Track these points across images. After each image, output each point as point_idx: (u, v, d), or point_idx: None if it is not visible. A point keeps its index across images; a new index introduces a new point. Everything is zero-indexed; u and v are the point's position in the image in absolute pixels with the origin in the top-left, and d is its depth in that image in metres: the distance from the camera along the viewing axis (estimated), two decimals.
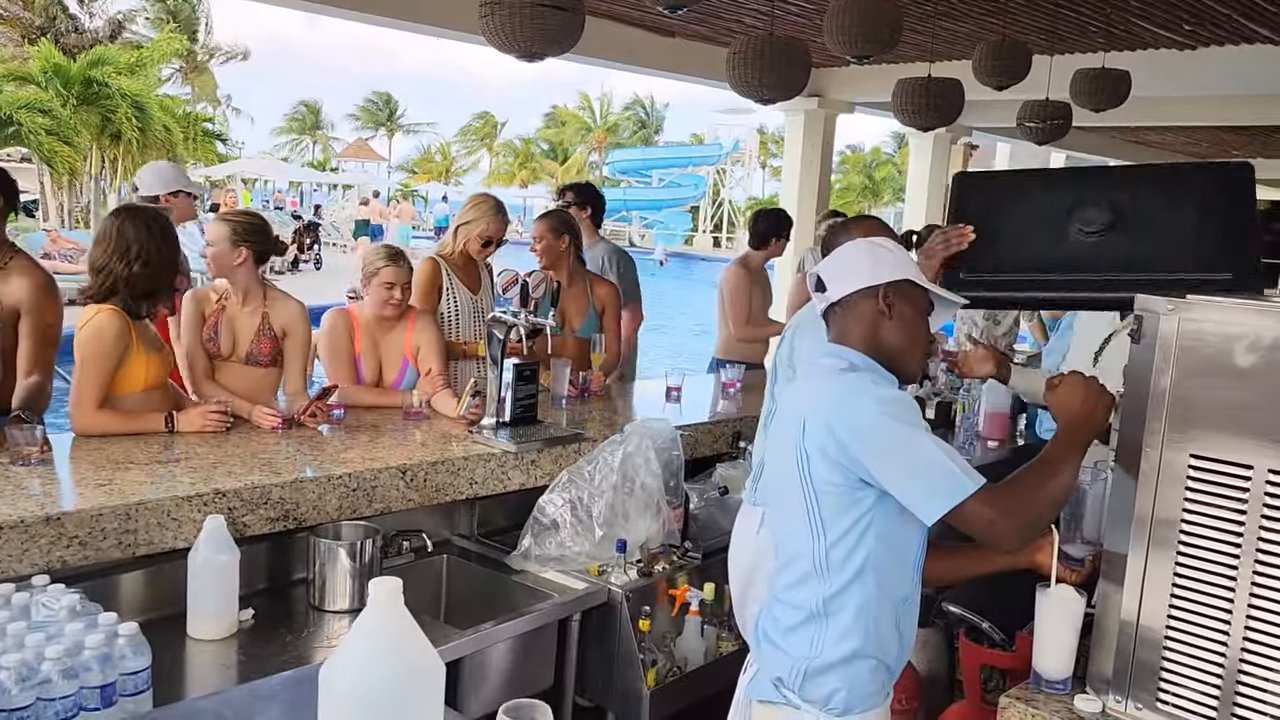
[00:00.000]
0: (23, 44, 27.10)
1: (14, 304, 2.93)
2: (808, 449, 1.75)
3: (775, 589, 1.90)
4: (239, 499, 2.47)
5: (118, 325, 2.85)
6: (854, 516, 1.75)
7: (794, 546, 1.83)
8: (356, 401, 3.39)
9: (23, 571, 2.11)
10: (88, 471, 2.51)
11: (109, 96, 20.79)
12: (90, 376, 2.82)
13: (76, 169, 21.49)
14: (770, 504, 2.03)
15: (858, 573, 1.76)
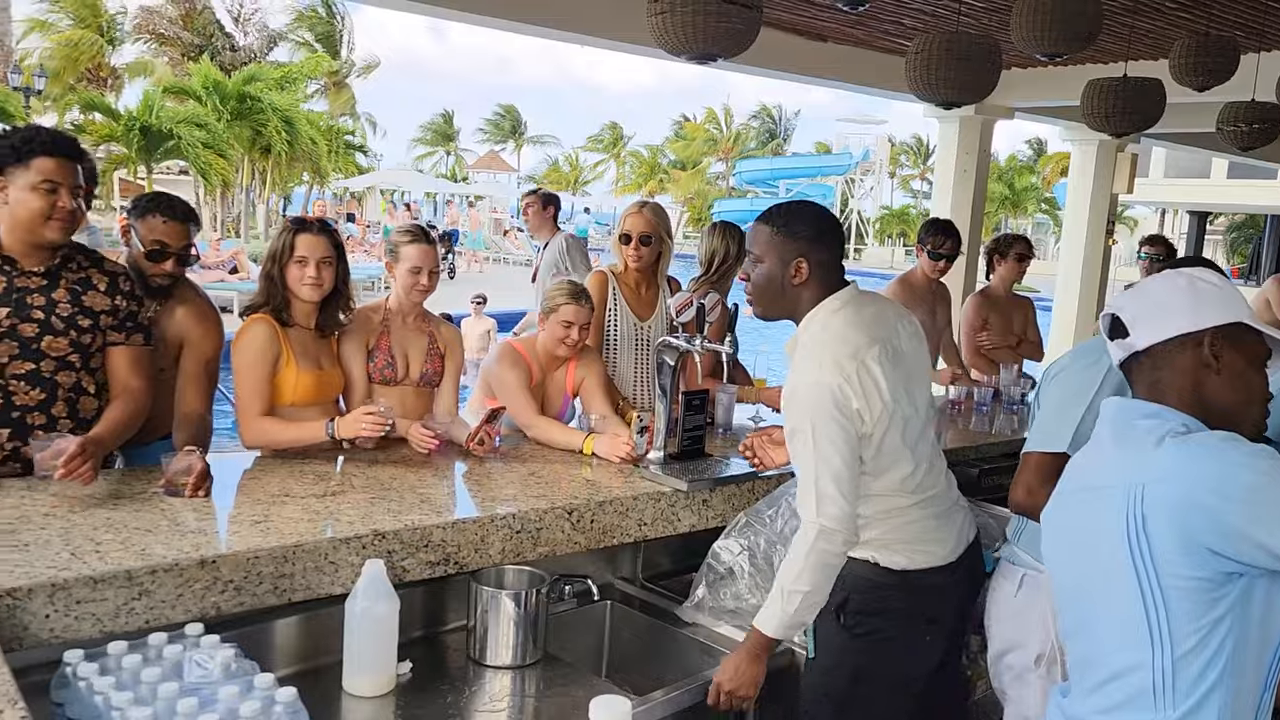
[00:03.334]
0: (183, 62, 28.57)
1: (177, 335, 2.85)
2: (1149, 535, 1.38)
3: (1080, 709, 1.54)
4: (399, 541, 2.27)
5: (265, 333, 2.79)
6: (1212, 620, 1.37)
7: (1118, 660, 1.46)
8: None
9: (175, 619, 1.95)
10: (244, 506, 2.35)
11: (261, 111, 21.66)
12: (246, 385, 2.79)
13: (229, 181, 22.47)
14: (1066, 600, 1.62)
15: (1209, 691, 1.38)
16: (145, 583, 1.92)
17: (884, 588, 2.23)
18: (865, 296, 2.29)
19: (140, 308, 2.65)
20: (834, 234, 2.26)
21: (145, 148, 20.21)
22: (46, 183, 2.38)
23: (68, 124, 22.94)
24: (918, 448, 2.22)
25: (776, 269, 2.21)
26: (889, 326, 2.24)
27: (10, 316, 2.40)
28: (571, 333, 3.19)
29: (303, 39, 32.34)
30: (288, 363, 2.82)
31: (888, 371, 2.14)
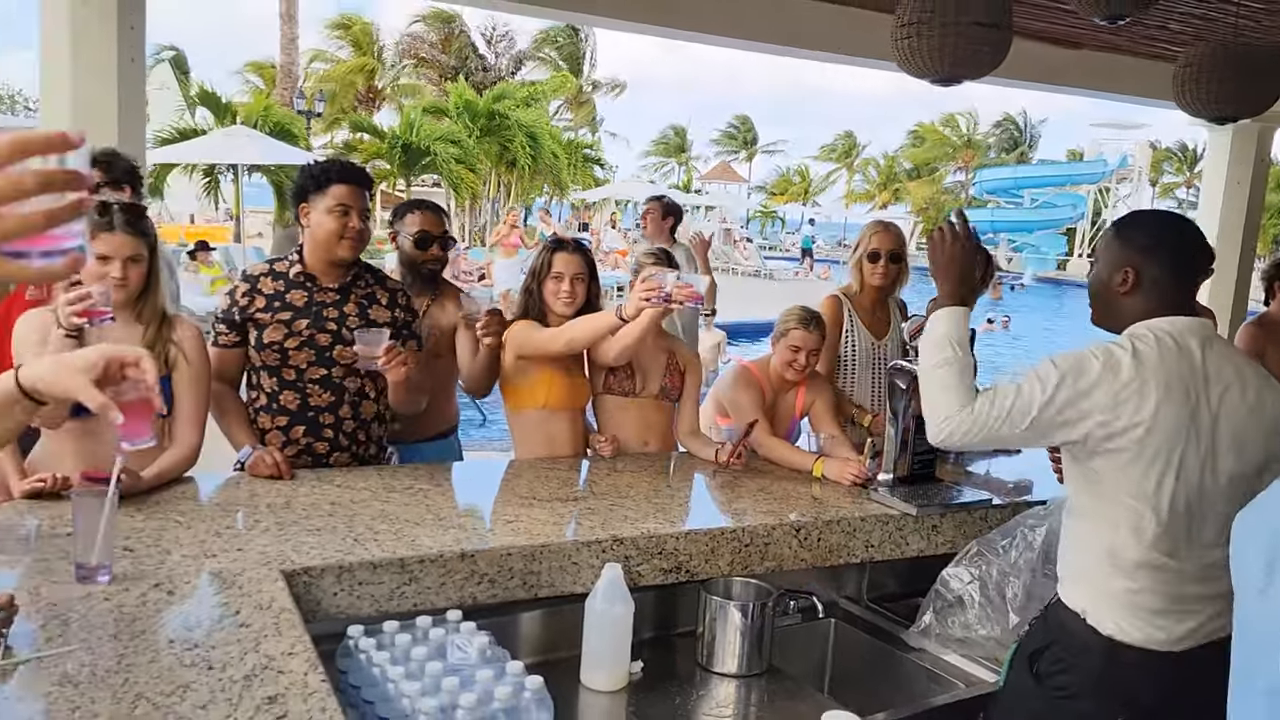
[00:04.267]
0: (440, 83, 30.71)
1: (451, 324, 3.15)
2: None
3: None
4: (635, 547, 2.41)
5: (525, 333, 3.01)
6: None
7: None
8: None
9: (438, 604, 2.16)
10: (498, 506, 2.56)
11: (508, 127, 22.96)
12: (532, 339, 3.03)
13: (477, 193, 23.93)
14: None
15: None
16: (414, 570, 2.14)
17: (1088, 649, 2.01)
18: (1213, 340, 2.00)
19: (414, 319, 2.95)
20: (1178, 251, 2.02)
21: (405, 163, 21.90)
22: (339, 206, 2.71)
23: (339, 143, 25.24)
24: (1180, 510, 1.92)
25: (1104, 273, 2.07)
26: (1222, 383, 1.94)
27: (309, 327, 2.74)
28: (799, 357, 3.24)
29: (548, 57, 33.95)
30: (541, 368, 3.04)
31: (1176, 419, 1.89)
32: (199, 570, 1.96)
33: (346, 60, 30.04)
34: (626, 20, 6.08)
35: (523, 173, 24.06)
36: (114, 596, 1.80)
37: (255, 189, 20.96)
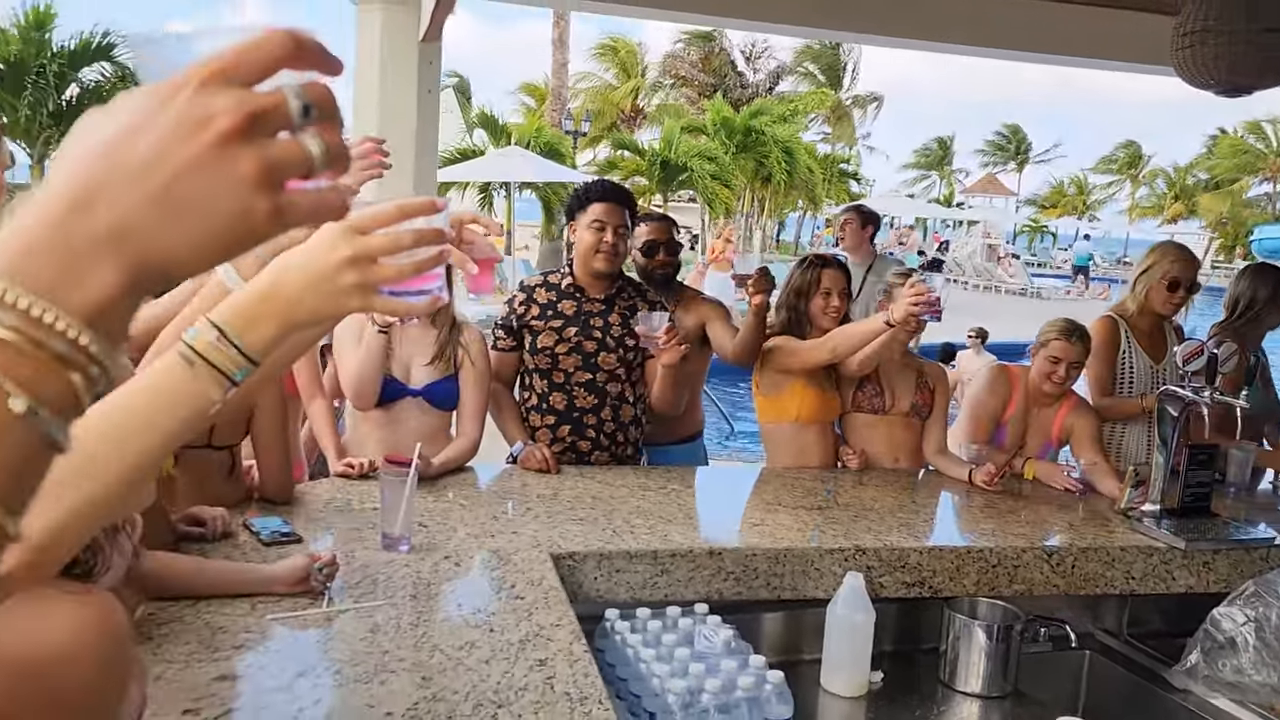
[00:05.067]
0: (699, 100, 31.43)
1: (698, 325, 3.31)
2: None
3: None
4: (878, 559, 2.45)
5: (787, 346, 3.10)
6: None
7: None
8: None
9: (687, 596, 2.30)
10: (746, 509, 2.68)
11: (764, 143, 23.16)
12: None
13: (731, 208, 24.27)
14: None
15: None
16: (667, 563, 2.30)
17: None
18: None
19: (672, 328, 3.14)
20: None
21: (663, 180, 22.61)
22: (597, 222, 2.95)
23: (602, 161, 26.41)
24: None
25: None
26: None
27: (578, 335, 2.98)
28: (1059, 370, 3.15)
29: (808, 71, 33.93)
30: (794, 382, 3.13)
31: None
32: (480, 547, 2.21)
33: (611, 81, 31.39)
34: (887, 35, 6.04)
35: (777, 188, 24.20)
36: (412, 564, 2.07)
37: (525, 204, 22.32)
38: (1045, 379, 3.19)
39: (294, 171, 0.49)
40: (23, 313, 0.45)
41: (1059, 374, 3.16)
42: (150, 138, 0.46)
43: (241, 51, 0.47)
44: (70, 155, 0.48)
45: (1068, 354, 3.15)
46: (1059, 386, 3.19)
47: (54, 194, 0.46)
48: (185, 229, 0.47)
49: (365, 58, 5.35)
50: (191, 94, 0.46)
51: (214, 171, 0.47)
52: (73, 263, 0.46)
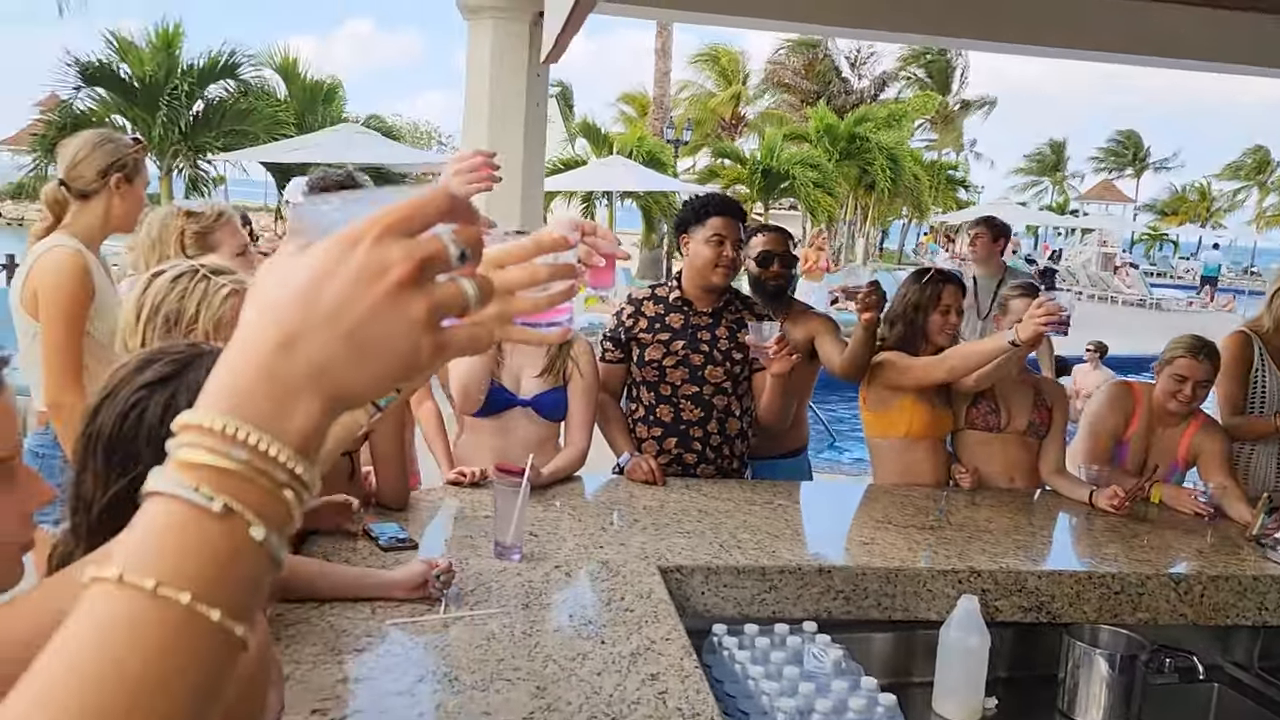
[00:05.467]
0: (801, 107, 31.17)
1: (808, 337, 3.29)
2: None
3: None
4: (993, 581, 2.39)
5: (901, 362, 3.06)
6: None
7: None
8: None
9: (795, 614, 2.28)
10: (855, 527, 2.65)
11: (868, 150, 22.83)
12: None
13: (833, 216, 23.98)
14: None
15: None
16: (775, 579, 2.28)
17: None
18: None
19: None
20: None
21: (765, 188, 22.49)
22: (716, 236, 2.95)
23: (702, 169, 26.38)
24: None
25: None
26: None
27: (685, 348, 2.99)
28: (1184, 389, 3.02)
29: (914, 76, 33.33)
30: (905, 397, 3.08)
31: None
32: (589, 558, 2.23)
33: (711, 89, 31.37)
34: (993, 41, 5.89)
35: (881, 195, 23.83)
36: (524, 572, 2.10)
37: (625, 213, 22.48)
38: (1170, 398, 3.06)
39: (454, 311, 0.56)
40: (251, 447, 0.50)
41: (1185, 393, 3.03)
42: (338, 285, 0.53)
43: (409, 208, 0.54)
44: (267, 296, 0.54)
45: (1194, 372, 3.02)
46: (1185, 406, 3.06)
47: (260, 337, 0.53)
48: (368, 365, 0.53)
49: (475, 70, 5.48)
50: (370, 245, 0.53)
51: (391, 315, 0.53)
52: (283, 399, 0.52)
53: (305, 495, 0.53)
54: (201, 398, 0.52)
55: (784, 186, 22.81)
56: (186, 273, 1.64)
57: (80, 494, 1.13)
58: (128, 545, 0.49)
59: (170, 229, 2.36)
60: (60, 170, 2.65)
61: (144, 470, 1.09)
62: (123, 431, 1.12)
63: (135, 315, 1.62)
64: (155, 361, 1.17)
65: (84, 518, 1.11)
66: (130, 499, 1.07)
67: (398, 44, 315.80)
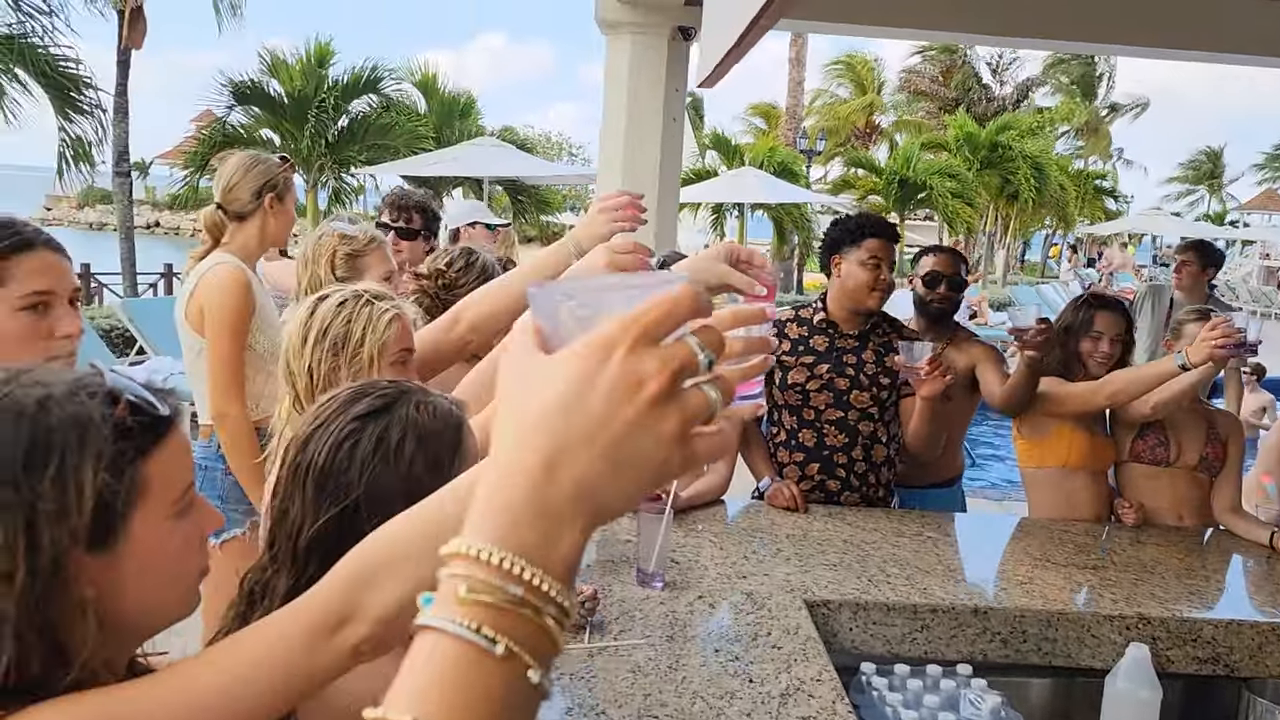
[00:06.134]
0: (939, 115, 30.37)
1: (969, 367, 3.16)
2: None
3: None
4: (1164, 629, 2.23)
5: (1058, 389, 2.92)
6: None
7: None
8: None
9: (948, 655, 2.18)
10: (1009, 564, 2.52)
11: (1011, 159, 22.03)
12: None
13: (973, 227, 23.23)
14: None
15: None
16: (926, 618, 2.19)
17: None
18: None
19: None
20: None
21: (901, 198, 21.96)
22: (873, 259, 2.86)
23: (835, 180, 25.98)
24: None
25: None
26: None
27: (829, 371, 2.91)
28: None
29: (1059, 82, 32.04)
30: (1062, 424, 2.93)
31: None
32: (733, 589, 2.19)
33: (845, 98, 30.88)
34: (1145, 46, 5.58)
35: (1025, 206, 22.94)
36: (667, 602, 2.07)
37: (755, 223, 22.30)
38: None
39: (701, 421, 0.54)
40: (526, 583, 0.50)
41: None
42: (596, 399, 0.52)
43: (660, 314, 0.53)
44: (522, 410, 0.53)
45: None
46: None
47: (523, 459, 0.52)
48: (624, 481, 0.53)
49: (612, 85, 5.52)
50: (624, 355, 0.52)
51: (647, 430, 0.52)
52: (549, 527, 0.51)
53: (567, 626, 0.52)
54: (470, 523, 0.52)
55: (921, 197, 22.23)
56: (351, 298, 1.67)
57: (285, 522, 1.15)
58: (413, 687, 0.49)
59: (323, 248, 2.44)
60: (216, 195, 2.78)
61: (355, 502, 1.11)
62: (335, 463, 1.15)
63: (302, 338, 1.66)
64: (366, 395, 1.20)
65: (287, 546, 1.14)
66: (339, 530, 1.11)
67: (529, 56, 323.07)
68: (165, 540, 0.87)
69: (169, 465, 0.88)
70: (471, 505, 0.53)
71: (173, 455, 0.88)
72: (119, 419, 0.83)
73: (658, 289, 0.55)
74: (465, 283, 2.36)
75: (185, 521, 0.90)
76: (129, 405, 0.84)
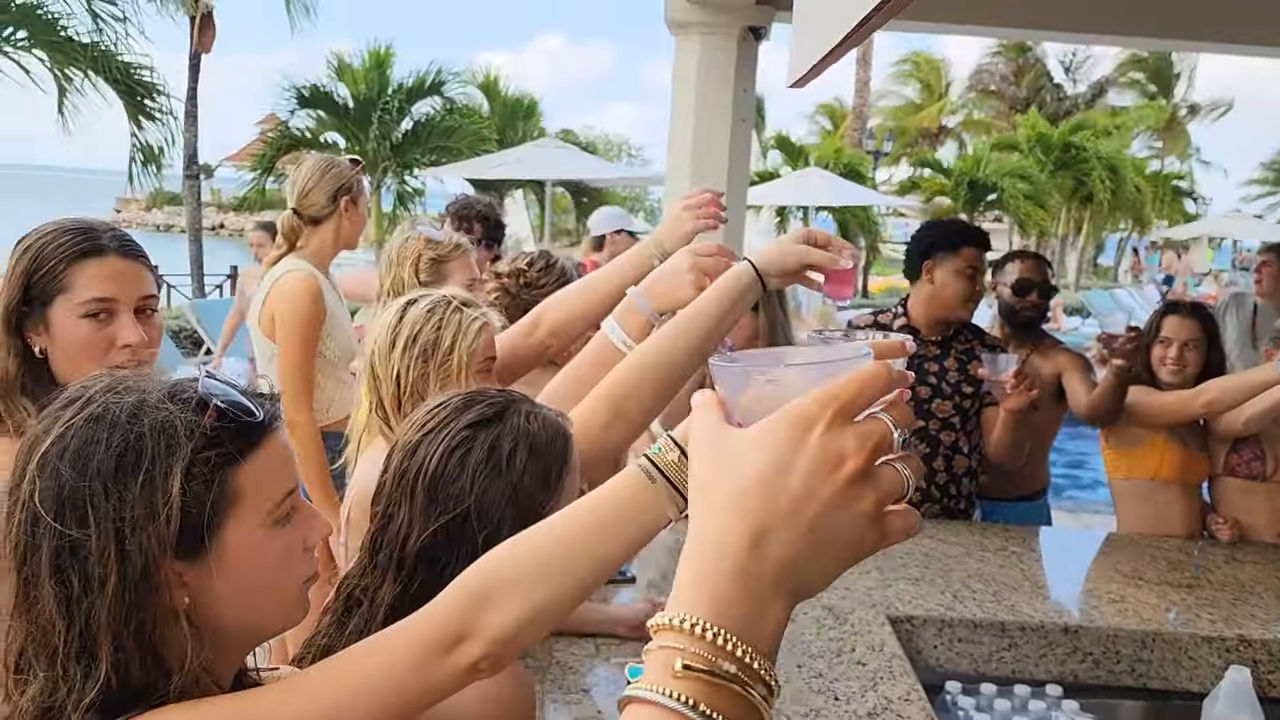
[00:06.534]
0: (1009, 115, 29.79)
1: (1053, 377, 3.06)
2: None
3: None
4: (1266, 652, 2.13)
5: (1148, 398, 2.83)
6: None
7: None
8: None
9: (1036, 675, 2.11)
10: (1099, 581, 2.43)
11: (1085, 160, 21.52)
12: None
13: (1045, 230, 22.74)
14: None
15: None
16: (1014, 636, 2.12)
17: None
18: None
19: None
20: None
21: (970, 200, 21.58)
22: (970, 269, 2.79)
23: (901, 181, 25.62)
24: None
25: None
26: None
27: None
28: None
29: (1134, 80, 31.20)
30: (1154, 435, 2.84)
31: None
32: (814, 602, 2.13)
33: (912, 98, 30.44)
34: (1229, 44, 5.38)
35: (1099, 208, 22.37)
36: None
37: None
38: None
39: (893, 500, 0.55)
40: (739, 659, 0.50)
41: None
42: (798, 476, 0.52)
43: (857, 390, 0.54)
44: (724, 484, 0.53)
45: None
46: None
47: (730, 533, 0.52)
48: (823, 559, 0.53)
49: (680, 85, 5.47)
50: (824, 431, 0.52)
51: (846, 508, 0.53)
52: (756, 604, 0.52)
53: (773, 704, 0.52)
54: (679, 596, 0.52)
55: (991, 199, 21.82)
56: (440, 304, 1.66)
57: (389, 528, 1.14)
58: None
59: (408, 251, 2.44)
60: (291, 200, 2.80)
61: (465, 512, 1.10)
62: (446, 471, 1.13)
63: (390, 342, 1.64)
64: (476, 403, 1.18)
65: (392, 554, 1.12)
66: (449, 539, 1.10)
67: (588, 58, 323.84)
68: (262, 549, 0.86)
69: (264, 473, 0.86)
70: (677, 578, 0.53)
71: (269, 462, 0.87)
72: (206, 426, 0.82)
73: (845, 364, 0.56)
74: (545, 283, 2.34)
75: (286, 529, 0.88)
76: (217, 412, 0.83)
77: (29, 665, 0.80)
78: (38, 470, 0.80)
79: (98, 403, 0.82)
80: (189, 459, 0.80)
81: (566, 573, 0.88)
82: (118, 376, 0.85)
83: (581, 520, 0.88)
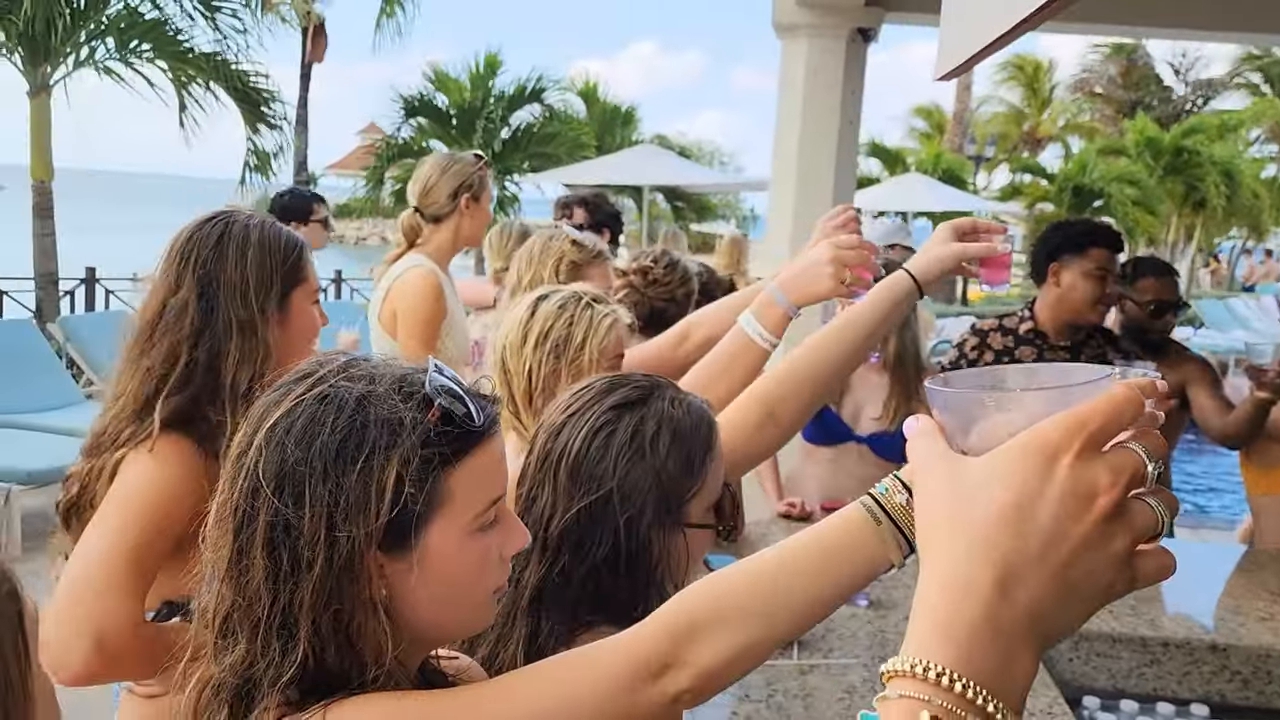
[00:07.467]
0: (1117, 119, 28.79)
1: (1178, 384, 2.94)
2: None
3: None
4: None
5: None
6: None
7: None
8: None
9: (1180, 693, 2.02)
10: (1245, 597, 2.31)
11: (1197, 165, 20.68)
12: None
13: (1155, 237, 21.91)
14: None
15: None
16: (1156, 652, 2.03)
17: None
18: None
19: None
20: None
21: (1075, 206, 20.91)
22: (1099, 270, 2.68)
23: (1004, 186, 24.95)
24: None
25: None
26: None
27: None
28: None
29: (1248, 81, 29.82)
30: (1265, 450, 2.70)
31: None
32: None
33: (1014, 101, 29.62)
34: None
35: (1212, 214, 21.45)
36: (874, 620, 1.99)
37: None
38: None
39: (1145, 540, 0.50)
40: (988, 714, 0.46)
41: None
42: (1045, 513, 0.48)
43: (1108, 418, 0.49)
44: (963, 519, 0.49)
45: None
46: None
47: (975, 575, 0.48)
48: (1073, 605, 0.49)
49: (787, 88, 5.42)
50: (1071, 462, 0.48)
51: (1097, 549, 0.48)
52: (1005, 652, 0.48)
53: None
54: (918, 640, 0.49)
55: (1098, 205, 21.09)
56: (571, 299, 1.66)
57: (532, 510, 1.13)
58: None
59: (551, 251, 2.44)
60: (413, 198, 2.82)
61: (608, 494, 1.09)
62: (589, 452, 1.12)
63: (522, 336, 1.65)
64: (621, 387, 1.17)
65: (535, 536, 1.10)
66: (591, 521, 1.09)
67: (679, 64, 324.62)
68: (461, 552, 0.85)
69: (475, 478, 0.85)
70: (912, 622, 0.50)
71: (481, 468, 0.86)
72: (428, 426, 0.82)
73: (1090, 388, 0.51)
74: (670, 282, 2.34)
75: (487, 536, 0.87)
76: (441, 413, 0.83)
77: (233, 631, 0.81)
78: (264, 440, 0.81)
79: (329, 383, 0.82)
80: (407, 456, 0.80)
81: (781, 608, 0.84)
82: (354, 358, 0.86)
83: (799, 556, 0.84)
